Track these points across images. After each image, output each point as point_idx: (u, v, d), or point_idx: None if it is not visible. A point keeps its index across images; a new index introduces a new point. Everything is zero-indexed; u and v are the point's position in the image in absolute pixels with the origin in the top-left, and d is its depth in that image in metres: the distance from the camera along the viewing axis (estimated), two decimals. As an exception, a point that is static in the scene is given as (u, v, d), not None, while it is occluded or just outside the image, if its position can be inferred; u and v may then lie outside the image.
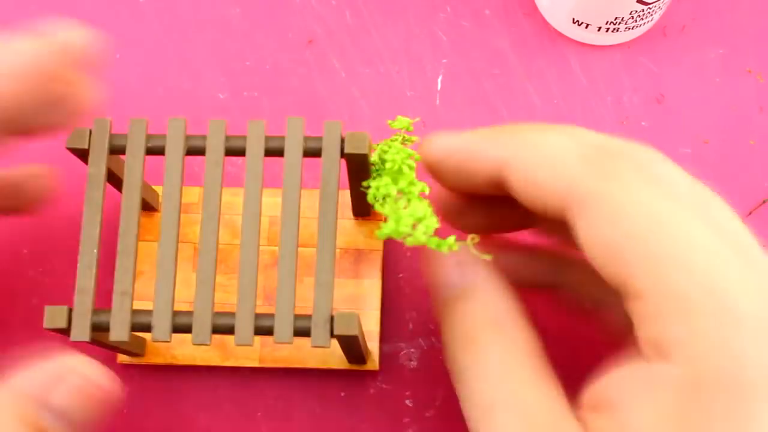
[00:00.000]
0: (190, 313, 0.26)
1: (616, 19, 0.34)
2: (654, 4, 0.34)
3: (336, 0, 0.38)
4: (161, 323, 0.25)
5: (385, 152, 0.26)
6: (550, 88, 0.36)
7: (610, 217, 0.22)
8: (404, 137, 0.27)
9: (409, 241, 0.24)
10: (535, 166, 0.24)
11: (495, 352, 0.25)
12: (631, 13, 0.34)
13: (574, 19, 0.35)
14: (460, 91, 0.36)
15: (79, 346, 0.26)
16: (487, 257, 0.26)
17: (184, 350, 0.32)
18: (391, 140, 0.27)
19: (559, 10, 0.36)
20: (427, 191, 0.26)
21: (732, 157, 0.35)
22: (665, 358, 0.22)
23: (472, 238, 0.25)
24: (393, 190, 0.25)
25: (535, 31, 0.37)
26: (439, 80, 0.37)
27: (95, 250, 0.26)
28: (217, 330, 0.25)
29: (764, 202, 0.35)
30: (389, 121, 0.27)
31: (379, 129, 0.33)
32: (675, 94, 0.36)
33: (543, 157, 0.24)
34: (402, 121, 0.27)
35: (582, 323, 0.30)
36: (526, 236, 0.30)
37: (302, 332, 0.25)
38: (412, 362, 0.33)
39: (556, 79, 0.36)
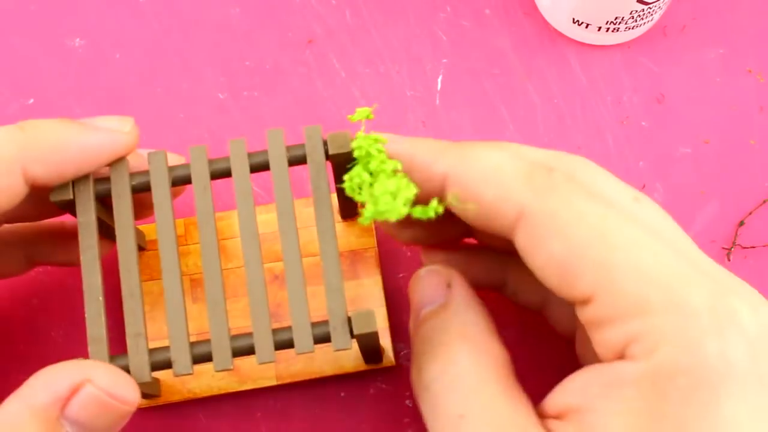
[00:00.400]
0: (207, 342, 0.25)
1: (616, 18, 0.34)
2: (654, 4, 0.34)
3: (336, 0, 0.38)
4: (180, 357, 0.25)
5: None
6: (550, 88, 0.36)
7: (551, 230, 0.23)
8: (376, 138, 0.26)
9: (394, 216, 0.24)
10: (474, 183, 0.24)
11: (467, 363, 0.25)
12: (631, 13, 0.34)
13: (574, 19, 0.35)
14: (460, 91, 0.36)
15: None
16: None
17: (200, 382, 0.32)
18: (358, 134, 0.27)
19: (560, 9, 0.36)
20: (400, 167, 0.25)
21: (732, 157, 0.35)
22: (624, 357, 0.22)
23: (453, 197, 0.25)
24: (365, 176, 0.25)
25: (535, 30, 0.37)
26: (439, 80, 0.37)
27: (100, 298, 0.26)
28: (237, 353, 0.25)
29: (764, 202, 0.35)
30: (349, 116, 0.27)
31: (379, 129, 0.33)
32: (675, 94, 0.36)
33: (482, 173, 0.24)
34: (361, 112, 0.26)
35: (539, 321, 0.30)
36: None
37: (321, 339, 0.25)
38: (412, 362, 0.33)
39: (556, 79, 0.36)
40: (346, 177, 0.26)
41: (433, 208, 0.24)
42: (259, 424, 0.32)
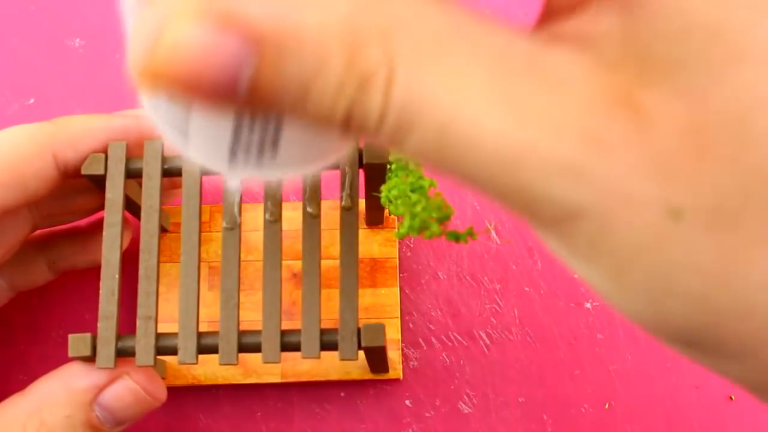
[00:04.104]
0: (215, 334, 0.25)
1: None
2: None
3: None
4: (187, 346, 0.25)
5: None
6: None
7: None
8: None
9: (428, 235, 0.24)
10: None
11: None
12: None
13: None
14: (460, 91, 0.36)
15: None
16: None
17: (205, 370, 0.32)
18: None
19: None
20: (436, 185, 0.26)
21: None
22: None
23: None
24: (404, 190, 0.25)
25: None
26: (439, 80, 0.36)
27: (116, 276, 0.26)
28: (243, 349, 0.25)
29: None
30: None
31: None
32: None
33: None
34: None
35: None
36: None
37: (329, 346, 0.25)
38: (412, 362, 0.33)
39: (556, 80, 0.36)
40: (383, 187, 0.26)
41: (467, 234, 0.24)
42: (259, 424, 0.32)
